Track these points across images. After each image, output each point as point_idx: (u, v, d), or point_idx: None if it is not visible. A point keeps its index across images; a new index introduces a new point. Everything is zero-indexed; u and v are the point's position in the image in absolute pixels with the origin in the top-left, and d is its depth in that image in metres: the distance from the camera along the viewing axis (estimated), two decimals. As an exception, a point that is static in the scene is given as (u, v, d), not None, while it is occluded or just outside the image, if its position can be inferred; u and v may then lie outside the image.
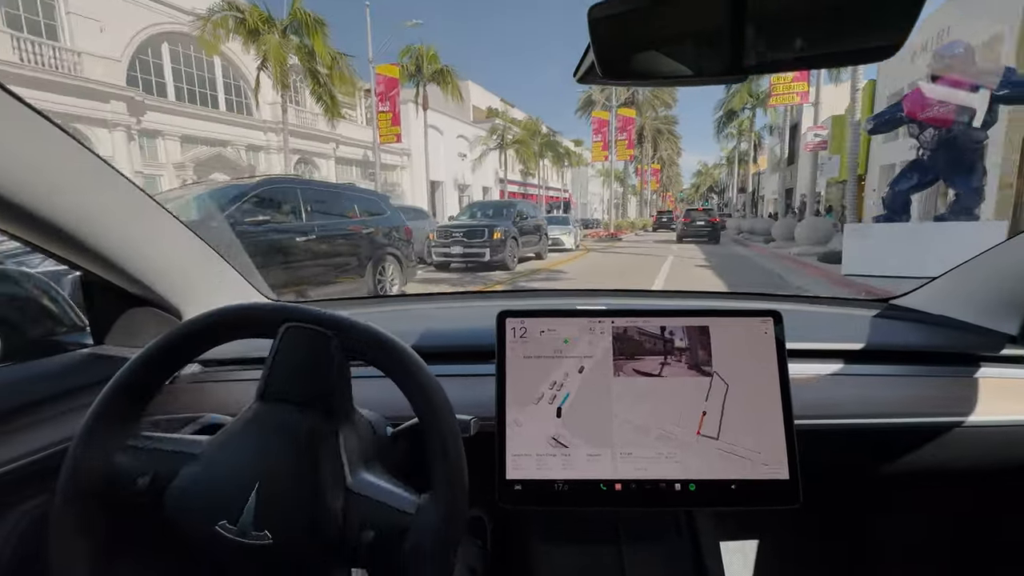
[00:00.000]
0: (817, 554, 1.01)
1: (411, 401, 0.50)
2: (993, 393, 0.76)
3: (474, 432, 0.59)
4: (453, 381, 0.67)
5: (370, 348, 0.51)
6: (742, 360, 0.66)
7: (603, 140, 24.82)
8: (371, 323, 0.52)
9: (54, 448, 0.59)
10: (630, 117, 25.56)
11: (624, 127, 24.97)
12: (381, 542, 0.46)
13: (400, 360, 0.50)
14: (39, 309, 0.90)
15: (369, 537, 0.46)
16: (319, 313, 0.51)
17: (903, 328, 0.94)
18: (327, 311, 0.51)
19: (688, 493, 0.62)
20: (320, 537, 0.47)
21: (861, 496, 0.97)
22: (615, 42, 0.46)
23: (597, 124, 25.22)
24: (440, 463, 0.48)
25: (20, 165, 0.53)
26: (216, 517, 0.45)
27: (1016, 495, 0.87)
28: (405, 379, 0.50)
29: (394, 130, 16.95)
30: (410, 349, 0.51)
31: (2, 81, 0.51)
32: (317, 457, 0.48)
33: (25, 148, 0.53)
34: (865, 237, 7.31)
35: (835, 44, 0.44)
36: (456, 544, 0.48)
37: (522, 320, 0.67)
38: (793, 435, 0.63)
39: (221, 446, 0.50)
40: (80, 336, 0.85)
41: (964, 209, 6.89)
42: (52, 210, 0.58)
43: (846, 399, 0.76)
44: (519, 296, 1.36)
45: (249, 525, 0.45)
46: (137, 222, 0.71)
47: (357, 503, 0.48)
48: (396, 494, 0.49)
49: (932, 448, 0.74)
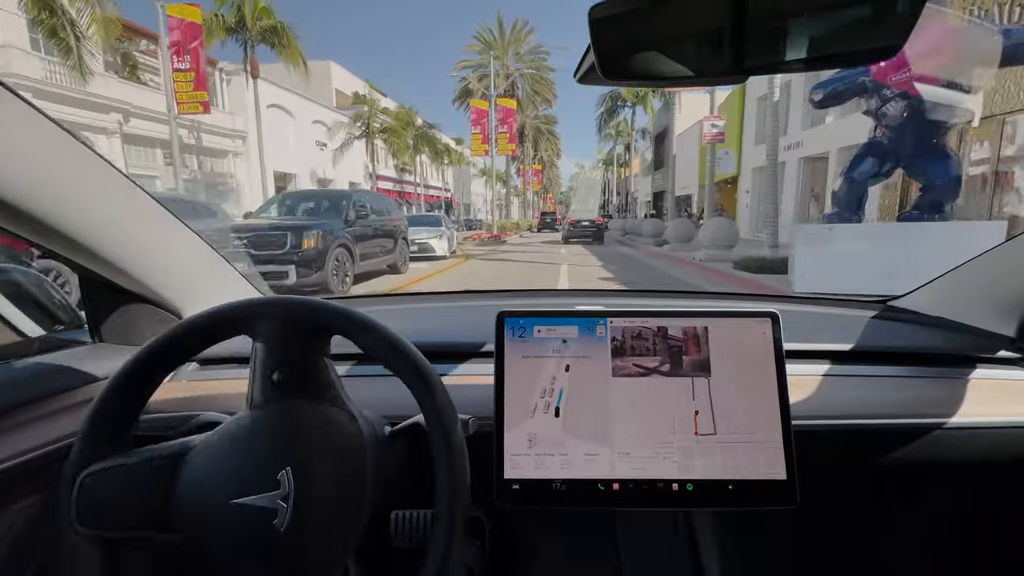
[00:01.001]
0: (814, 554, 0.96)
1: (416, 397, 0.50)
2: (990, 394, 0.77)
3: (472, 432, 0.58)
4: (451, 380, 0.74)
5: (379, 345, 0.50)
6: (740, 361, 0.66)
7: (482, 132, 22.28)
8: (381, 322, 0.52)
9: (51, 446, 0.60)
10: (511, 108, 23.32)
11: (505, 119, 22.66)
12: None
13: (406, 357, 0.50)
14: (37, 306, 0.92)
15: None
16: (324, 305, 0.51)
17: (900, 329, 0.94)
18: (330, 302, 0.51)
19: (686, 493, 0.63)
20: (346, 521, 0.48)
21: (858, 496, 0.94)
22: (616, 42, 0.46)
23: (476, 115, 22.59)
24: (444, 463, 0.48)
25: (20, 164, 0.54)
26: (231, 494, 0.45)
27: (1012, 495, 0.87)
28: (409, 375, 0.50)
29: (198, 96, 12.40)
30: (414, 347, 0.51)
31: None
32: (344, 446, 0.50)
33: (25, 146, 0.54)
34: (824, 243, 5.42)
35: (836, 45, 0.44)
36: (458, 544, 0.47)
37: (521, 320, 0.67)
38: (790, 436, 0.63)
39: (233, 436, 0.49)
40: (78, 334, 0.85)
41: (934, 204, 5.31)
42: (53, 208, 0.58)
43: (843, 400, 0.76)
44: (518, 296, 1.32)
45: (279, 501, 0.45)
46: (137, 220, 0.71)
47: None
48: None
49: (929, 449, 0.74)
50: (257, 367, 0.50)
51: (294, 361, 0.51)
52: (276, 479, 0.45)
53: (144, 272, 0.75)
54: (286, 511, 0.44)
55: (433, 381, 0.50)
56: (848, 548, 0.95)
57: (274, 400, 0.50)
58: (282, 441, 0.48)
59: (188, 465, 0.48)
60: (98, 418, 0.48)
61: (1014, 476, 0.81)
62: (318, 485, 0.46)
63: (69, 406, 0.66)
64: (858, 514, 0.93)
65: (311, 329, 0.51)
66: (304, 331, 0.51)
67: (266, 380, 0.50)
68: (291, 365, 0.50)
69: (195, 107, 12.58)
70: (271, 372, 0.50)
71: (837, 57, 0.46)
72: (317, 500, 0.46)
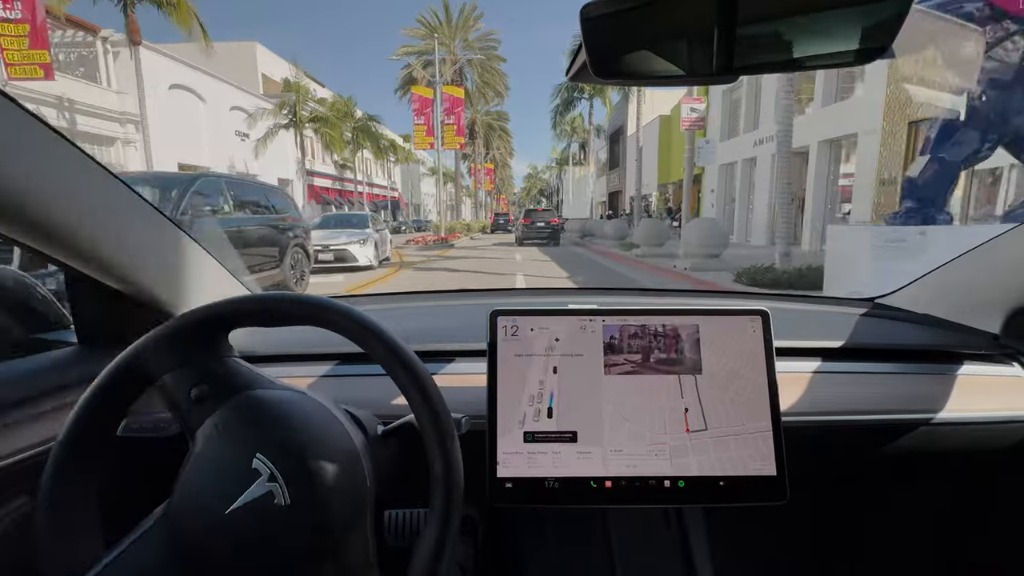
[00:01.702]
0: (805, 549, 0.99)
1: (405, 393, 0.49)
2: (976, 390, 0.78)
3: (465, 430, 0.58)
4: (445, 379, 0.75)
5: (376, 344, 0.49)
6: (731, 358, 0.66)
7: (427, 123, 19.83)
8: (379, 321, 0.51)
9: (37, 448, 0.59)
10: (458, 98, 20.96)
11: (452, 109, 20.34)
12: None
13: (396, 353, 0.49)
14: (22, 306, 0.89)
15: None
16: (317, 299, 0.51)
17: (888, 327, 0.95)
18: (322, 296, 0.52)
19: (677, 490, 0.63)
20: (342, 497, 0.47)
21: (847, 491, 0.97)
22: (607, 41, 0.46)
23: (419, 103, 20.07)
24: (437, 462, 0.48)
25: (2, 159, 0.52)
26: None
27: (996, 487, 0.89)
28: (398, 372, 0.49)
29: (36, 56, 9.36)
30: (407, 346, 0.50)
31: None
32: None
33: (4, 142, 0.52)
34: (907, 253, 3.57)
35: (824, 46, 0.45)
36: (451, 544, 0.48)
37: (514, 318, 0.67)
38: (780, 432, 0.63)
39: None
40: (64, 335, 0.84)
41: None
42: (36, 205, 0.56)
43: (832, 396, 0.76)
44: (511, 294, 1.34)
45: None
46: (124, 218, 0.69)
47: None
48: None
49: (916, 444, 0.75)
50: (175, 397, 0.49)
51: (206, 373, 0.50)
52: (253, 468, 0.45)
53: (132, 271, 0.72)
54: (280, 487, 0.45)
55: (423, 378, 0.49)
56: (837, 543, 0.97)
57: (207, 411, 0.49)
58: (242, 434, 0.47)
59: (172, 519, 0.46)
60: (79, 423, 0.47)
61: (998, 469, 0.85)
62: (290, 451, 0.46)
63: (54, 408, 0.64)
64: (847, 509, 0.96)
65: (298, 323, 0.50)
66: (201, 334, 0.50)
67: (188, 403, 0.49)
68: (206, 379, 0.50)
69: (33, 70, 9.50)
70: (188, 392, 0.49)
71: (824, 57, 0.46)
72: (299, 461, 0.46)
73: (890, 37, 0.41)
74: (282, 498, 0.44)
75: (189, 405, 0.48)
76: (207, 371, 0.50)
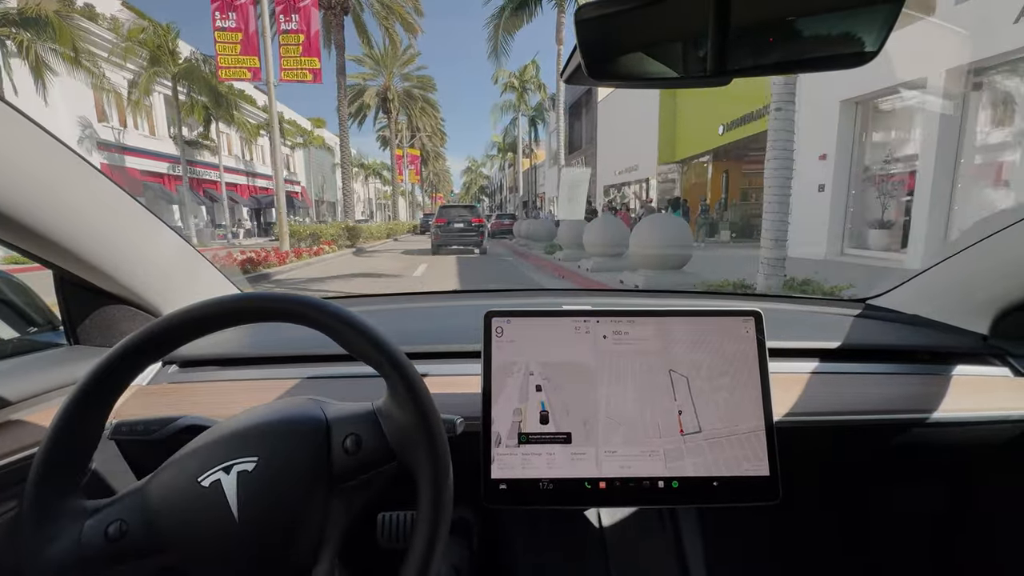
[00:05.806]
0: (798, 548, 0.99)
1: (391, 392, 0.49)
2: (965, 390, 0.79)
3: (460, 432, 0.58)
4: (439, 381, 0.74)
5: (368, 346, 0.48)
6: (724, 359, 0.66)
7: (241, 25, 11.35)
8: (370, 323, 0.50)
9: (25, 452, 0.58)
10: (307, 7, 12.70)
11: (304, 25, 12.31)
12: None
13: (386, 353, 0.49)
14: (9, 307, 0.87)
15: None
16: (308, 300, 0.50)
17: (879, 327, 0.95)
18: (313, 297, 0.51)
19: (671, 490, 0.63)
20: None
21: (840, 491, 0.97)
22: (601, 43, 0.47)
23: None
24: (427, 465, 0.47)
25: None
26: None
27: (986, 486, 0.89)
28: (386, 371, 0.48)
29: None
30: (397, 346, 0.50)
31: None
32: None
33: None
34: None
35: (815, 50, 0.46)
36: (441, 547, 0.47)
37: (508, 320, 0.67)
38: (773, 432, 0.64)
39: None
40: (53, 335, 0.82)
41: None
42: (26, 206, 0.56)
43: (824, 397, 0.76)
44: (505, 295, 1.33)
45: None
46: (113, 218, 0.69)
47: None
48: None
49: (908, 443, 0.76)
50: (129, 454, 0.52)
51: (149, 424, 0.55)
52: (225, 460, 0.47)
53: (121, 271, 0.72)
54: (248, 466, 0.46)
55: (413, 379, 0.48)
56: (830, 542, 0.98)
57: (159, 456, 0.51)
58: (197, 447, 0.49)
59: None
60: (64, 425, 0.47)
61: (987, 467, 0.85)
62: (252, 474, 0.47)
63: (43, 410, 0.65)
64: (840, 509, 0.97)
65: (283, 319, 0.49)
66: (186, 335, 0.50)
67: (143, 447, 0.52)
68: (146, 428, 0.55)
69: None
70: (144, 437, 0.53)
71: (816, 61, 0.47)
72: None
73: (881, 41, 0.42)
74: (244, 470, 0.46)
75: (145, 446, 0.57)
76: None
